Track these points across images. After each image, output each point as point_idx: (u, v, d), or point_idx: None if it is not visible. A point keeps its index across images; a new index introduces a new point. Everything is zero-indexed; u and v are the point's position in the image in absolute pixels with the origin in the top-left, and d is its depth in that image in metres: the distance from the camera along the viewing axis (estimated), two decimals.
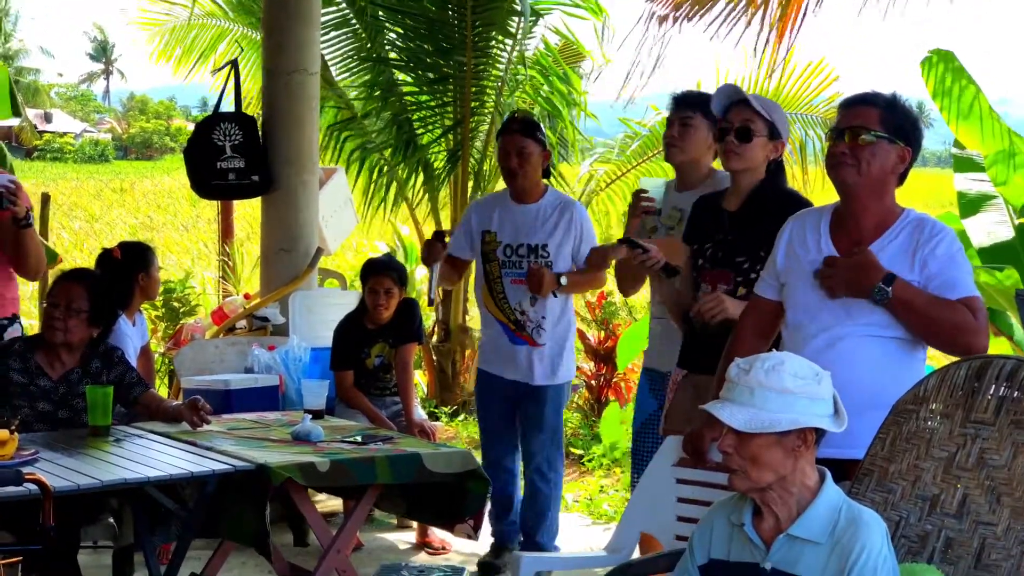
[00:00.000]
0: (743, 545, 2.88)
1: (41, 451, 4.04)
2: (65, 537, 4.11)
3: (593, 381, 8.60)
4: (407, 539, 6.01)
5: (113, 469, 4.00)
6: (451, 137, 9.16)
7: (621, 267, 4.90)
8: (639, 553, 3.89)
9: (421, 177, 9.35)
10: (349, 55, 9.28)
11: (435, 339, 9.16)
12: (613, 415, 7.66)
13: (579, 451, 7.84)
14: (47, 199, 8.28)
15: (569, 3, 9.35)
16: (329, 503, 5.95)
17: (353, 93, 9.51)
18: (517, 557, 3.76)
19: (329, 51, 9.11)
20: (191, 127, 12.68)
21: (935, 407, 3.10)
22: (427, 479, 4.39)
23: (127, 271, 5.58)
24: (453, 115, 9.09)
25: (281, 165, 6.90)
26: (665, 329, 4.67)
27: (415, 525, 5.93)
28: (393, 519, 6.19)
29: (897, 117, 3.35)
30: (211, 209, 16.91)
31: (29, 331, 5.55)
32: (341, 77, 9.39)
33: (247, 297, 8.16)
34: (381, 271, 5.93)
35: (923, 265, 3.31)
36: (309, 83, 6.97)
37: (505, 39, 8.94)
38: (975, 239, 7.49)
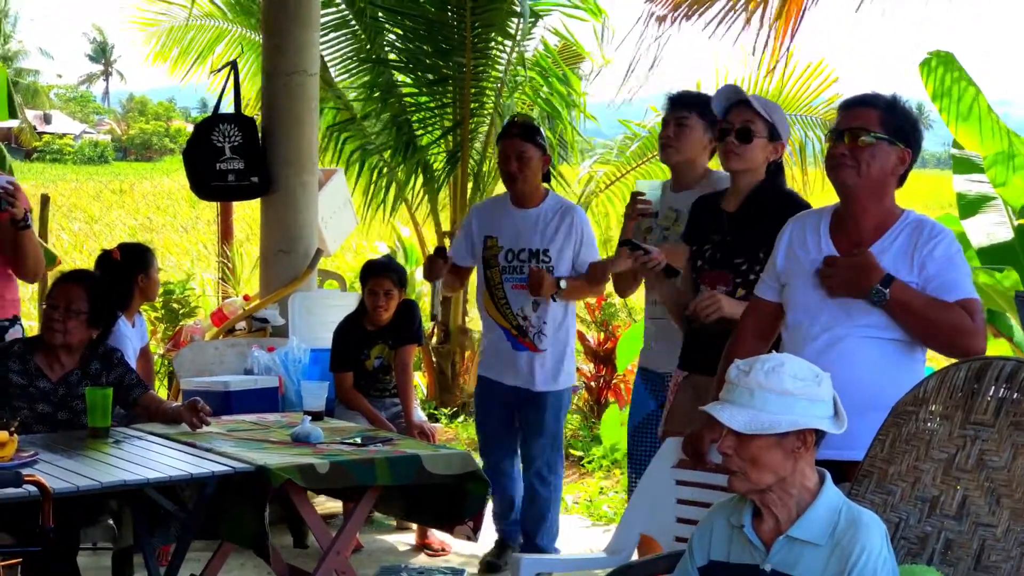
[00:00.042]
0: (743, 546, 2.88)
1: (40, 452, 4.04)
2: (64, 539, 4.10)
3: (593, 383, 8.59)
4: (407, 540, 6.01)
5: (112, 471, 4.00)
6: (450, 138, 9.16)
7: (616, 271, 4.89)
8: (639, 555, 3.88)
9: (420, 178, 9.35)
10: (348, 56, 9.28)
11: (435, 341, 9.15)
12: (613, 417, 7.66)
13: (579, 453, 7.84)
14: (46, 200, 8.27)
15: (568, 4, 9.35)
16: (328, 505, 5.94)
17: (352, 94, 9.50)
18: (517, 559, 3.75)
19: (328, 52, 9.11)
20: (190, 128, 12.66)
21: (935, 408, 3.09)
22: (427, 481, 4.38)
23: (126, 272, 5.58)
24: (452, 116, 9.09)
25: (280, 166, 6.90)
26: (660, 329, 4.67)
27: (415, 527, 5.93)
28: (393, 520, 6.19)
29: (897, 119, 3.35)
30: (210, 210, 16.89)
31: (29, 332, 5.54)
32: (340, 78, 9.39)
33: (246, 298, 8.16)
34: (381, 272, 5.93)
35: (921, 266, 3.31)
36: (308, 84, 6.97)
37: (504, 40, 8.93)
38: (974, 240, 7.48)
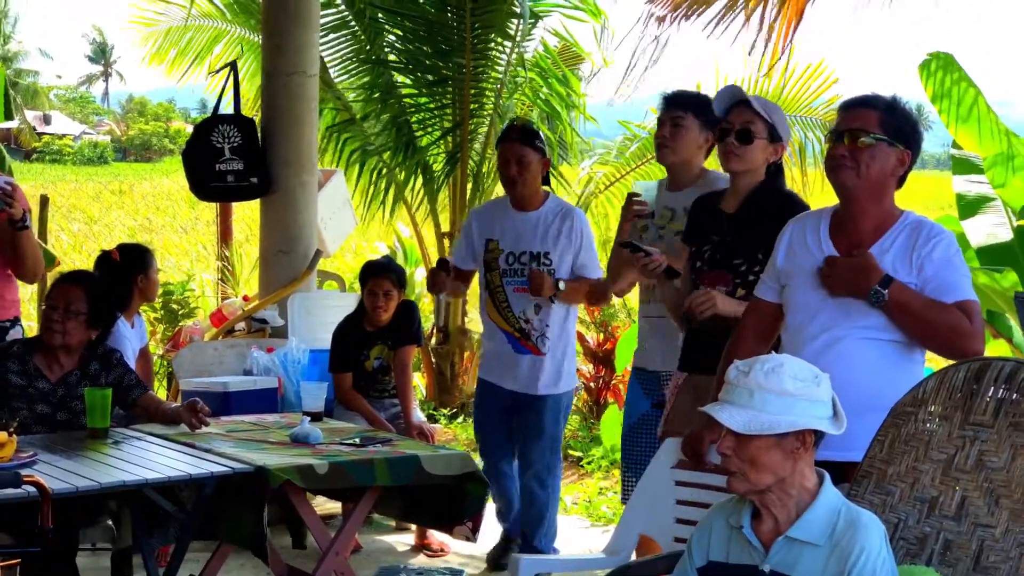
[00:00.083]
0: (742, 547, 2.87)
1: (40, 453, 4.04)
2: (63, 539, 4.11)
3: (592, 383, 8.59)
4: (406, 541, 6.00)
5: (111, 471, 4.00)
6: (450, 139, 9.16)
7: (613, 266, 4.90)
8: (637, 555, 3.88)
9: (420, 179, 9.34)
10: (348, 57, 9.29)
11: (434, 341, 9.15)
12: (612, 417, 7.65)
13: (578, 453, 7.84)
14: (46, 201, 8.28)
15: (568, 5, 9.34)
16: (327, 506, 5.94)
17: (352, 95, 9.50)
18: (516, 559, 3.75)
19: (328, 53, 9.12)
20: (190, 129, 12.68)
21: (934, 409, 3.09)
22: (426, 481, 4.38)
23: (126, 273, 5.58)
24: (452, 117, 9.09)
25: (280, 167, 6.90)
26: (654, 328, 4.68)
27: (414, 527, 5.93)
28: (392, 521, 6.18)
29: (897, 120, 3.35)
30: (210, 211, 16.89)
31: (28, 333, 5.54)
32: (340, 79, 9.39)
33: (246, 299, 8.16)
34: (380, 273, 5.93)
35: (920, 268, 3.31)
36: (308, 85, 6.97)
37: (504, 41, 8.94)
38: (974, 240, 7.48)
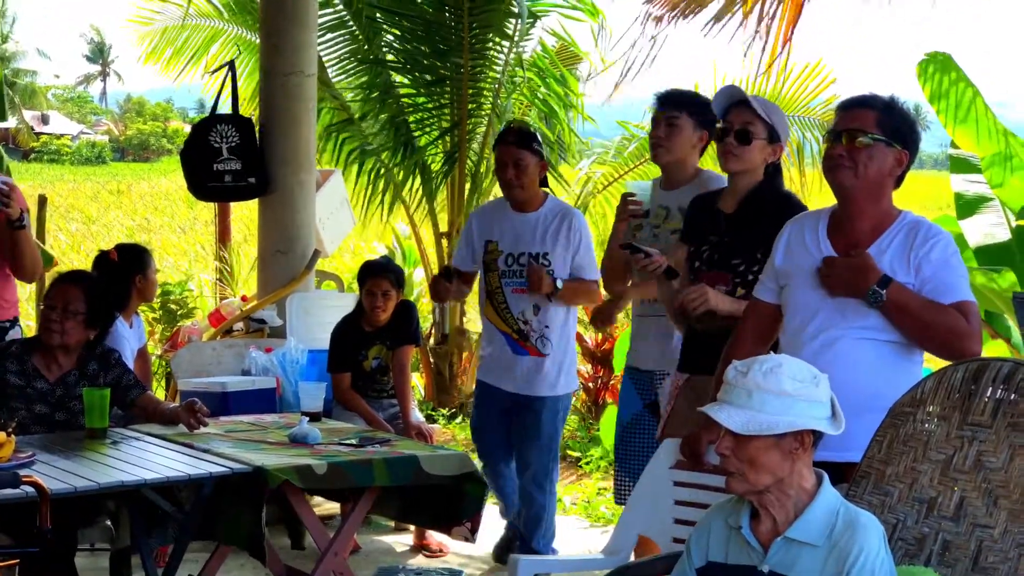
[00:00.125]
0: (740, 548, 2.88)
1: (38, 453, 4.03)
2: (62, 540, 4.11)
3: (591, 383, 8.59)
4: (404, 541, 6.00)
5: (110, 471, 3.99)
6: (448, 139, 9.15)
7: (607, 265, 4.89)
8: (636, 556, 3.88)
9: (418, 179, 9.34)
10: (346, 57, 9.28)
11: (432, 341, 9.15)
12: (611, 418, 7.62)
13: (576, 454, 7.83)
14: (44, 201, 8.27)
15: (566, 5, 9.34)
16: (326, 506, 5.94)
17: (350, 95, 9.50)
18: (515, 560, 3.74)
19: (326, 53, 9.11)
20: (188, 129, 12.67)
21: (932, 409, 3.10)
22: (424, 481, 4.38)
23: (124, 273, 5.58)
24: (450, 117, 9.08)
25: (278, 167, 6.90)
26: (647, 327, 4.68)
27: (412, 527, 5.92)
28: (390, 521, 6.18)
29: (894, 120, 3.35)
30: (208, 211, 16.91)
31: (27, 333, 5.54)
32: (338, 79, 9.38)
33: (244, 299, 8.16)
34: (379, 273, 5.92)
35: (918, 268, 3.31)
36: (306, 85, 6.97)
37: (502, 41, 8.93)
38: (972, 240, 7.48)
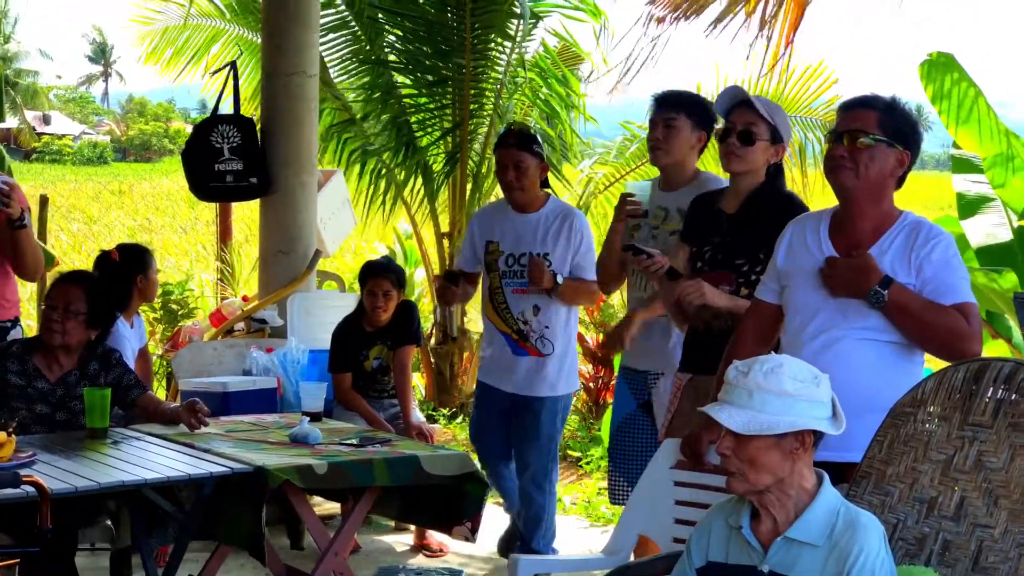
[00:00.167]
0: (741, 548, 2.88)
1: (39, 453, 4.04)
2: (62, 539, 4.11)
3: (591, 384, 8.59)
4: (405, 541, 6.00)
5: (110, 471, 4.00)
6: (450, 139, 9.15)
7: (602, 265, 4.89)
8: (636, 556, 3.88)
9: (420, 179, 9.34)
10: (348, 57, 9.28)
11: (433, 341, 9.15)
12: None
13: (577, 454, 7.83)
14: (45, 201, 8.27)
15: (568, 5, 9.34)
16: (326, 506, 5.94)
17: (352, 95, 9.49)
18: (515, 560, 3.74)
19: (328, 53, 9.11)
20: (190, 129, 12.66)
21: (933, 410, 3.10)
22: (425, 481, 4.38)
23: (125, 273, 5.58)
24: (452, 117, 9.08)
25: (280, 167, 6.90)
26: (642, 328, 4.68)
27: (413, 527, 5.92)
28: (391, 521, 6.18)
29: (896, 120, 3.35)
30: (209, 211, 16.90)
31: (28, 333, 5.54)
32: (340, 79, 9.38)
33: (245, 299, 8.16)
34: (380, 273, 5.93)
35: (919, 269, 3.31)
36: (308, 85, 6.97)
37: (504, 41, 8.93)
38: (973, 240, 7.47)
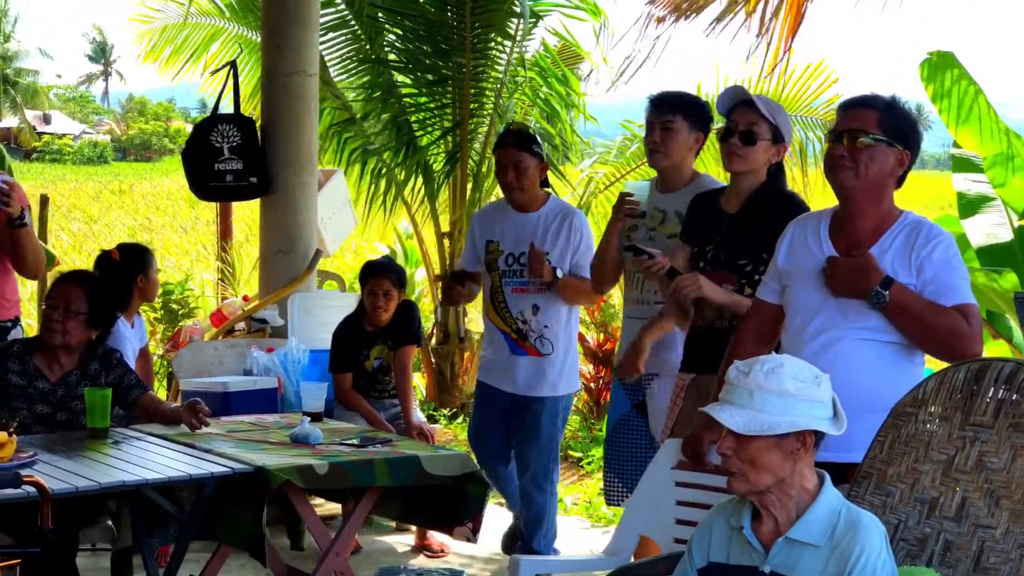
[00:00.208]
0: (742, 548, 2.87)
1: (39, 453, 4.04)
2: (63, 539, 4.10)
3: (592, 384, 8.58)
4: (406, 542, 6.00)
5: (111, 471, 3.99)
6: (450, 139, 9.15)
7: (598, 264, 4.89)
8: (637, 556, 3.88)
9: (420, 179, 9.33)
10: (348, 56, 9.27)
11: (434, 341, 9.15)
12: None
13: (578, 454, 7.83)
14: (46, 201, 8.26)
15: (568, 4, 9.33)
16: (327, 506, 5.94)
17: (352, 95, 9.49)
18: (516, 560, 3.74)
19: (328, 52, 9.10)
20: (190, 128, 12.67)
21: (934, 410, 3.09)
22: (426, 482, 4.38)
23: (126, 273, 5.58)
24: (452, 117, 9.08)
25: (280, 167, 6.90)
26: (637, 328, 4.68)
27: (414, 528, 5.92)
28: (392, 522, 6.18)
29: (896, 120, 3.35)
30: (210, 211, 16.90)
31: (28, 332, 5.54)
32: (340, 78, 9.37)
33: (246, 299, 8.15)
34: (380, 273, 5.92)
35: (919, 269, 3.30)
36: (308, 84, 6.97)
37: (504, 41, 8.92)
38: (974, 240, 7.47)
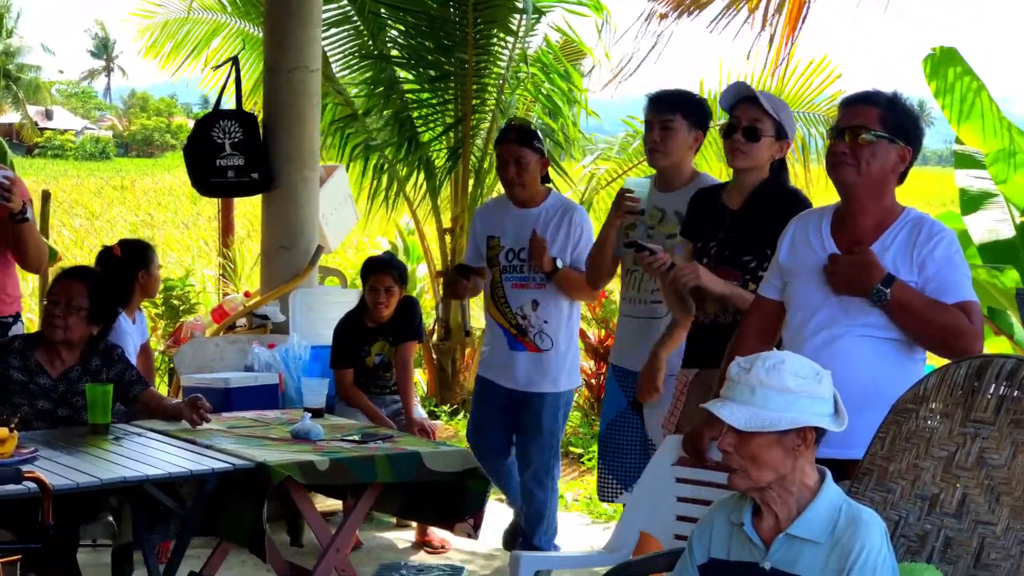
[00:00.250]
0: (743, 544, 2.88)
1: (40, 449, 4.04)
2: (64, 535, 4.11)
3: (593, 380, 8.58)
4: (406, 538, 6.00)
5: (112, 467, 4.00)
6: (452, 135, 9.14)
7: (594, 261, 4.89)
8: (638, 552, 3.88)
9: (422, 175, 9.33)
10: (350, 52, 9.26)
11: (435, 337, 9.15)
12: None
13: (579, 450, 7.83)
14: (47, 196, 8.27)
15: (571, 0, 9.31)
16: (328, 502, 5.94)
17: (354, 90, 9.48)
18: (516, 556, 3.74)
19: (330, 48, 9.10)
20: (192, 124, 12.67)
21: (935, 406, 3.09)
22: (427, 478, 4.38)
23: (127, 269, 5.58)
24: (454, 113, 9.07)
25: (282, 162, 6.90)
26: (634, 327, 4.70)
27: (414, 524, 5.92)
28: (392, 518, 6.18)
29: (897, 116, 3.34)
30: (212, 207, 16.93)
31: (29, 328, 5.55)
32: (342, 74, 9.36)
33: (247, 295, 8.16)
34: (382, 269, 5.93)
35: (921, 266, 3.30)
36: (310, 80, 6.97)
37: (507, 36, 8.92)
38: (976, 236, 7.46)
